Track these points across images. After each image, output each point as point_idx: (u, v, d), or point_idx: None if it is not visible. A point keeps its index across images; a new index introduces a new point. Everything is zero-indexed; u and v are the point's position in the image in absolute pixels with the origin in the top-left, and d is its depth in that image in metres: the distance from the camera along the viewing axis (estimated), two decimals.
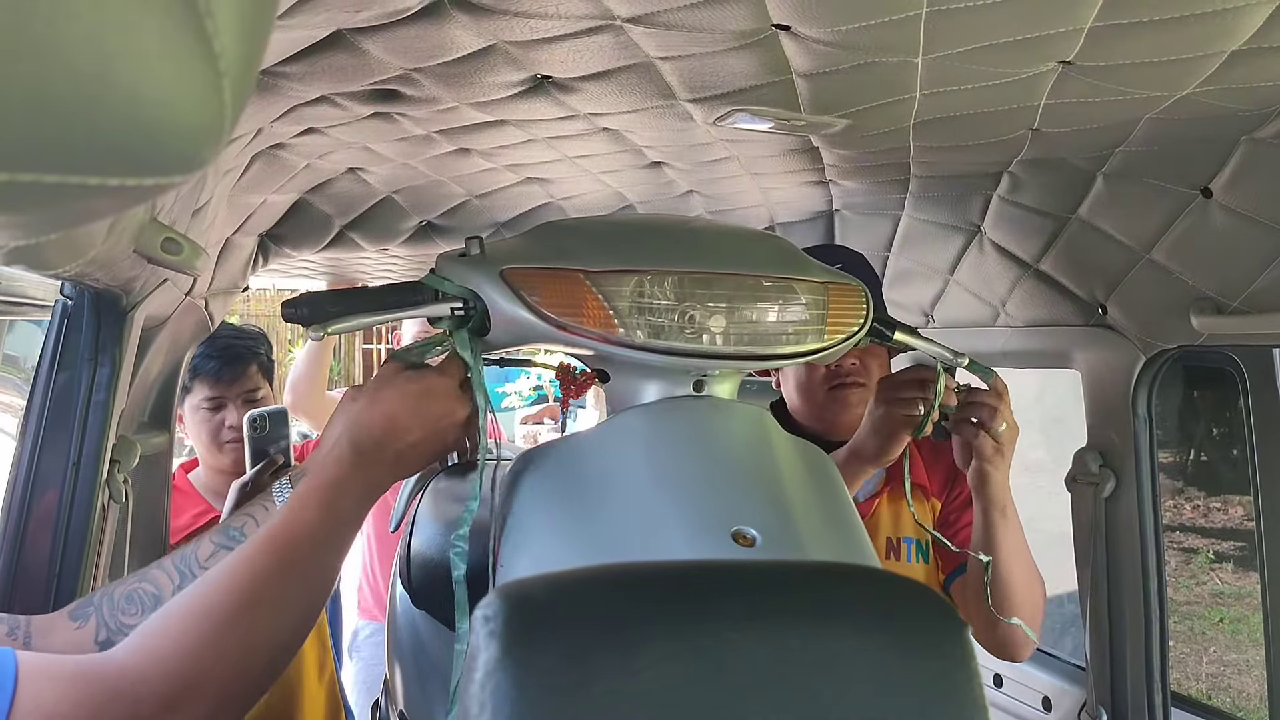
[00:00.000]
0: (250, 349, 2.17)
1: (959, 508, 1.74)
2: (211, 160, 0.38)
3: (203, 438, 2.14)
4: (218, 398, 2.12)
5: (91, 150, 0.32)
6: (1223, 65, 1.08)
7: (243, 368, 2.14)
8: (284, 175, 1.67)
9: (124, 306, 1.39)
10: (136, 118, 0.32)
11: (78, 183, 0.32)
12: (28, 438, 1.41)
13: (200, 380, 2.13)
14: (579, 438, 1.04)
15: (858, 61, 1.10)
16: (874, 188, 1.91)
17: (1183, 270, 1.62)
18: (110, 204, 0.36)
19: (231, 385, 2.13)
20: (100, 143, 0.32)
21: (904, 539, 1.73)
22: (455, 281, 1.05)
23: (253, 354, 2.17)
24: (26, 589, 1.39)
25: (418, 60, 1.12)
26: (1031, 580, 1.53)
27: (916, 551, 1.73)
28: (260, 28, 0.35)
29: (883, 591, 0.76)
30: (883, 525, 1.74)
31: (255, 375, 2.17)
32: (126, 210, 0.39)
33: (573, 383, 1.27)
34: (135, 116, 0.31)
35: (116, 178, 0.34)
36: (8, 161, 0.29)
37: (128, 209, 0.39)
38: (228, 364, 2.13)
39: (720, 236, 1.17)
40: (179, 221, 1.25)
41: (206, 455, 2.17)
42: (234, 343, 2.14)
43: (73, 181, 0.32)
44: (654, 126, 1.42)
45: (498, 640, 0.64)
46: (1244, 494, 7.20)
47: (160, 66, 0.30)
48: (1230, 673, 5.93)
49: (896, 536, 1.73)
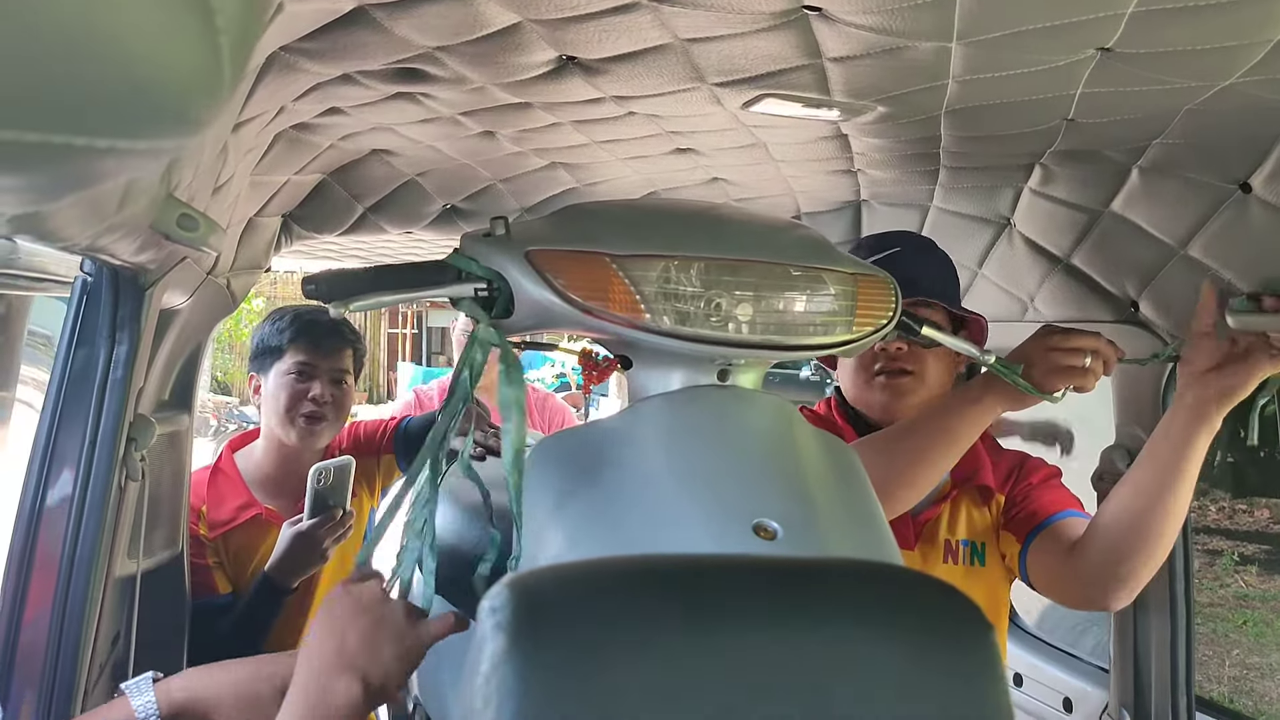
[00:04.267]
0: (346, 334, 2.19)
1: (1025, 489, 1.72)
2: (209, 123, 0.37)
3: (280, 405, 2.12)
4: (310, 365, 2.11)
5: (77, 107, 0.30)
6: (1268, 54, 1.04)
7: (340, 346, 2.15)
8: (307, 156, 1.66)
9: (143, 284, 1.38)
10: (125, 74, 0.30)
11: (63, 142, 0.31)
12: (46, 414, 1.41)
13: (295, 346, 2.12)
14: (599, 425, 1.03)
15: (890, 45, 1.07)
16: (903, 178, 1.89)
17: (1219, 267, 1.59)
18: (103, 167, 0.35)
19: (326, 357, 2.13)
20: (87, 100, 0.30)
21: (961, 541, 1.72)
22: (480, 262, 1.04)
23: (349, 340, 2.19)
24: (43, 565, 1.39)
25: (442, 38, 1.11)
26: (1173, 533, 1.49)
27: (972, 553, 1.71)
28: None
29: (907, 590, 0.74)
30: (942, 528, 1.72)
31: (347, 358, 2.17)
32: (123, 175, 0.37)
33: (594, 368, 1.26)
34: (124, 73, 0.30)
35: (106, 138, 0.32)
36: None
37: (124, 174, 0.37)
38: (326, 336, 2.14)
39: (748, 223, 1.15)
40: (198, 199, 1.24)
41: (276, 427, 2.14)
42: (334, 323, 2.15)
43: (57, 141, 0.30)
44: (681, 110, 1.40)
45: (505, 633, 0.63)
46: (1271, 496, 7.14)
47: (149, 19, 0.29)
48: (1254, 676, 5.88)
49: (955, 539, 1.72)
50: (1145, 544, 1.47)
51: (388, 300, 1.06)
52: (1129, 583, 1.50)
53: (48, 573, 1.39)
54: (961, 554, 1.71)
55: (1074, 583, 1.58)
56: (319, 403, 2.09)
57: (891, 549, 0.96)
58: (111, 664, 1.69)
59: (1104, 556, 1.51)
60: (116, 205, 0.89)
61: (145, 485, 1.57)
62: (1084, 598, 1.62)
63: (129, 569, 1.61)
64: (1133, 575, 1.49)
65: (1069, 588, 1.60)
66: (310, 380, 2.11)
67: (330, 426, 2.14)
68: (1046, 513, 1.66)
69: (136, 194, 0.94)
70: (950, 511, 1.73)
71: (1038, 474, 1.74)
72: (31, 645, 1.41)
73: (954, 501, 1.73)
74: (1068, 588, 1.61)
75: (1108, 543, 1.50)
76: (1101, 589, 1.53)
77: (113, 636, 1.64)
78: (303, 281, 1.05)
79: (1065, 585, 1.61)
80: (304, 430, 2.10)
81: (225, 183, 1.37)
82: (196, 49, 0.31)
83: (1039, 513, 1.66)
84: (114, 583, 1.54)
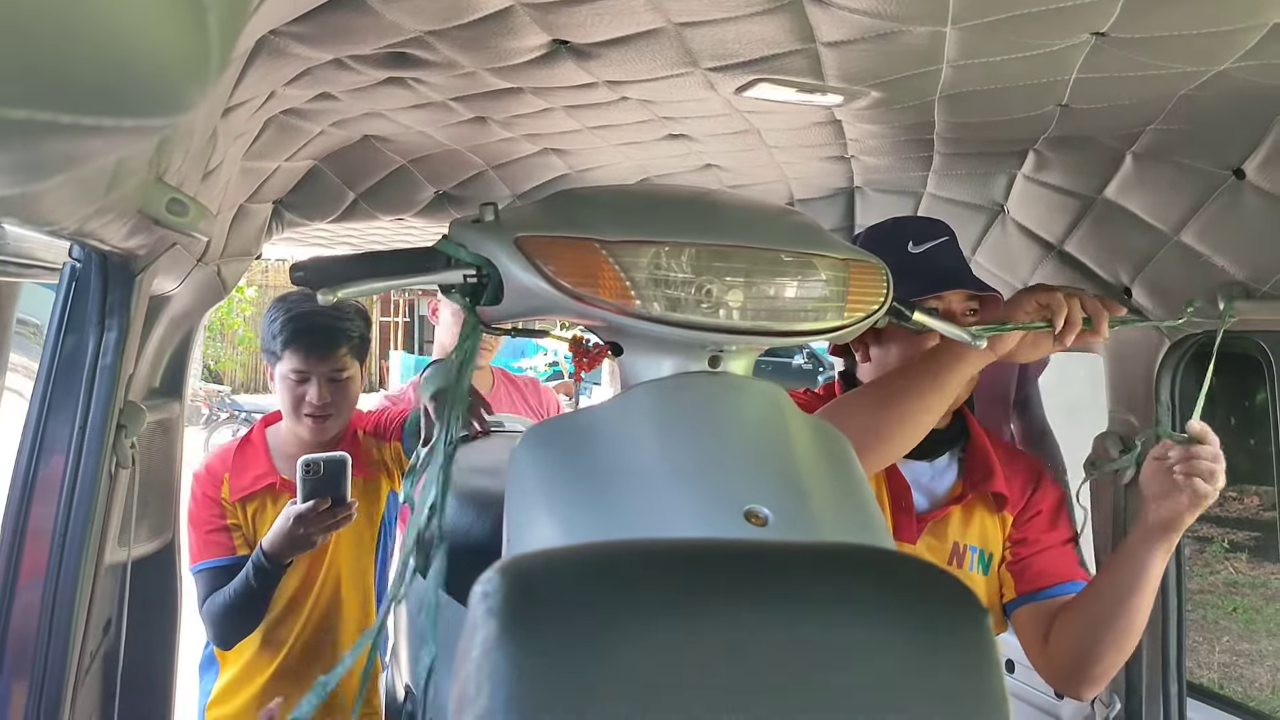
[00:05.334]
0: (343, 329, 2.18)
1: (1035, 525, 1.73)
2: (197, 103, 0.36)
3: (286, 404, 2.19)
4: (303, 372, 2.14)
5: (62, 84, 0.29)
6: (1264, 38, 1.04)
7: (332, 347, 2.16)
8: (298, 142, 1.65)
9: (132, 270, 1.37)
10: (110, 50, 0.29)
11: (48, 119, 0.30)
12: (36, 401, 1.40)
13: (289, 352, 2.15)
14: (590, 412, 1.02)
15: (884, 30, 1.07)
16: (896, 164, 1.88)
17: (1211, 253, 1.59)
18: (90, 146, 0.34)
19: (321, 362, 2.15)
20: (71, 76, 0.29)
21: (970, 547, 1.72)
22: (469, 248, 1.03)
23: (344, 334, 2.18)
24: (33, 553, 1.39)
25: (433, 22, 1.10)
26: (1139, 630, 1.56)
27: (978, 561, 1.71)
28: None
29: (901, 576, 0.74)
30: (952, 530, 1.72)
31: (344, 356, 2.18)
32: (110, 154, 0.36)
33: (585, 355, 1.25)
34: (109, 49, 0.29)
35: (92, 116, 0.31)
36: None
37: (111, 153, 0.37)
38: (319, 340, 2.15)
39: (740, 209, 1.15)
40: (188, 184, 1.23)
41: (289, 419, 2.21)
42: (328, 320, 2.15)
43: (41, 118, 0.30)
44: (674, 95, 1.39)
45: (496, 618, 0.62)
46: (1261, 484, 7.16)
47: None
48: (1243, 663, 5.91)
49: (964, 544, 1.72)
50: (1110, 648, 1.54)
51: (377, 287, 1.06)
52: (1098, 681, 1.58)
53: (38, 561, 1.38)
54: (969, 560, 1.71)
55: (1045, 669, 1.65)
56: (317, 405, 2.13)
57: (882, 533, 0.96)
58: (103, 652, 1.69)
59: (1071, 658, 1.58)
60: (105, 188, 0.89)
61: (136, 472, 1.56)
62: (1056, 683, 1.70)
63: (119, 556, 1.60)
64: (1102, 675, 1.57)
65: (1042, 669, 1.67)
66: (306, 384, 2.14)
67: (336, 420, 2.19)
68: (1040, 583, 1.68)
69: (125, 177, 0.93)
70: (963, 514, 1.72)
71: (1048, 502, 1.74)
72: (22, 633, 1.40)
73: (967, 505, 1.72)
74: (1041, 669, 1.67)
75: (1075, 645, 1.57)
76: (1073, 685, 1.62)
77: (104, 624, 1.64)
78: (291, 268, 1.04)
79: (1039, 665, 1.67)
80: (310, 426, 2.16)
81: (215, 168, 1.35)
82: (183, 26, 0.31)
83: (1037, 578, 1.68)
84: (105, 570, 1.53)
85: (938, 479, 1.74)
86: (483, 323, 1.08)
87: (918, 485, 1.71)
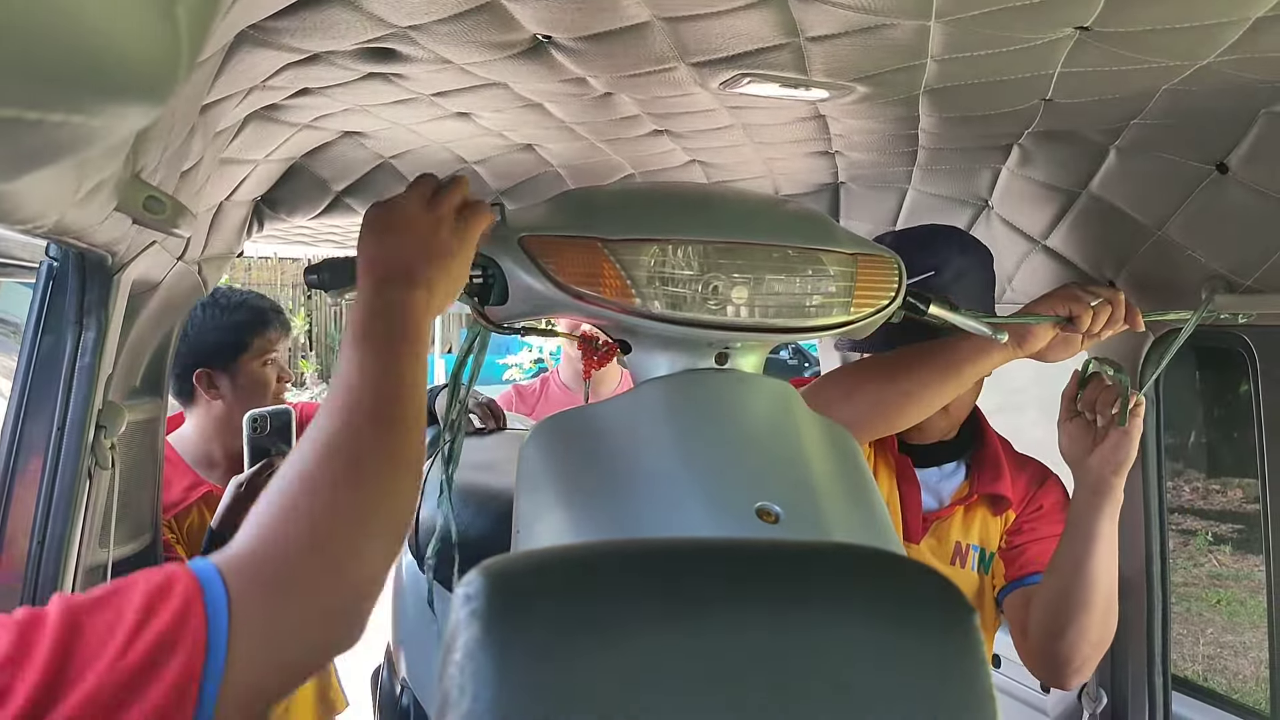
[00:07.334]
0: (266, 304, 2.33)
1: (1033, 518, 1.73)
2: (169, 98, 0.35)
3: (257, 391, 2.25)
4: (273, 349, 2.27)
5: (28, 80, 0.28)
6: (1246, 33, 1.04)
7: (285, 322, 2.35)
8: (278, 138, 1.64)
9: (110, 268, 1.36)
10: (78, 46, 0.28)
11: (13, 116, 0.29)
12: (13, 401, 1.39)
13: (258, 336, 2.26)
14: (598, 408, 1.02)
15: (869, 24, 1.06)
16: (881, 159, 1.88)
17: (1195, 247, 1.59)
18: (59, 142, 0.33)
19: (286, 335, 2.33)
20: (38, 73, 0.28)
21: (972, 546, 1.72)
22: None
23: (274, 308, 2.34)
24: (10, 554, 1.37)
25: (415, 17, 1.09)
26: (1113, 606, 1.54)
27: (979, 560, 1.71)
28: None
29: (889, 574, 0.73)
30: (954, 530, 1.72)
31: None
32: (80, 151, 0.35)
33: (594, 353, 1.26)
34: (76, 44, 0.28)
35: (60, 113, 0.31)
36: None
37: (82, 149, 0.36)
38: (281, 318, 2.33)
39: (744, 205, 1.15)
40: (166, 181, 1.21)
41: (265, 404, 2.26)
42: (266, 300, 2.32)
43: (7, 114, 0.29)
44: (657, 91, 1.38)
45: (479, 620, 0.61)
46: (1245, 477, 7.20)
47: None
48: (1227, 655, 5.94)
49: (966, 543, 1.72)
50: (1071, 624, 1.50)
51: None
52: (1072, 660, 1.53)
53: (16, 563, 1.36)
54: (970, 559, 1.71)
55: (1026, 656, 1.63)
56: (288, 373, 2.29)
57: (888, 531, 0.96)
58: None
59: (1042, 638, 1.55)
60: (79, 186, 0.87)
61: (116, 473, 1.54)
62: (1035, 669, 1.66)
63: (100, 558, 1.59)
64: (1074, 652, 1.52)
65: (1024, 658, 1.64)
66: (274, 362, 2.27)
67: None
68: (1029, 569, 1.67)
69: (100, 174, 0.92)
70: (965, 514, 1.73)
71: (1049, 498, 1.74)
72: None
73: (971, 506, 1.72)
74: (1024, 657, 1.64)
75: (1043, 624, 1.55)
76: (1049, 669, 1.58)
77: None
78: (304, 272, 1.05)
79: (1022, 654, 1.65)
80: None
81: (194, 165, 1.34)
82: (152, 21, 0.30)
83: (1025, 565, 1.68)
84: (84, 572, 1.51)
85: (945, 481, 1.75)
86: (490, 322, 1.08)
87: (925, 486, 1.72)
